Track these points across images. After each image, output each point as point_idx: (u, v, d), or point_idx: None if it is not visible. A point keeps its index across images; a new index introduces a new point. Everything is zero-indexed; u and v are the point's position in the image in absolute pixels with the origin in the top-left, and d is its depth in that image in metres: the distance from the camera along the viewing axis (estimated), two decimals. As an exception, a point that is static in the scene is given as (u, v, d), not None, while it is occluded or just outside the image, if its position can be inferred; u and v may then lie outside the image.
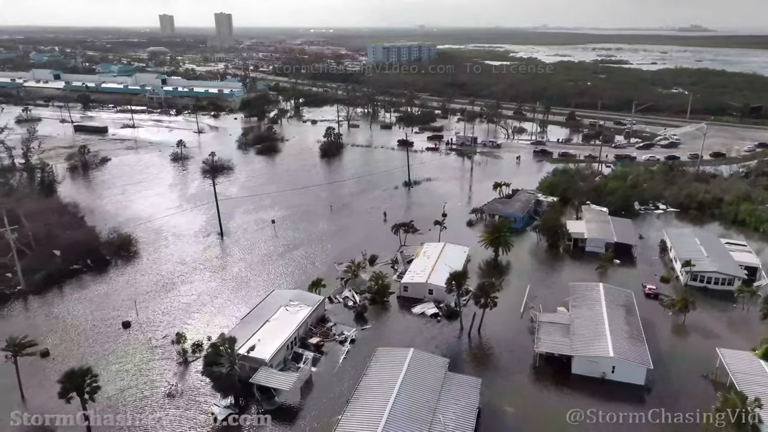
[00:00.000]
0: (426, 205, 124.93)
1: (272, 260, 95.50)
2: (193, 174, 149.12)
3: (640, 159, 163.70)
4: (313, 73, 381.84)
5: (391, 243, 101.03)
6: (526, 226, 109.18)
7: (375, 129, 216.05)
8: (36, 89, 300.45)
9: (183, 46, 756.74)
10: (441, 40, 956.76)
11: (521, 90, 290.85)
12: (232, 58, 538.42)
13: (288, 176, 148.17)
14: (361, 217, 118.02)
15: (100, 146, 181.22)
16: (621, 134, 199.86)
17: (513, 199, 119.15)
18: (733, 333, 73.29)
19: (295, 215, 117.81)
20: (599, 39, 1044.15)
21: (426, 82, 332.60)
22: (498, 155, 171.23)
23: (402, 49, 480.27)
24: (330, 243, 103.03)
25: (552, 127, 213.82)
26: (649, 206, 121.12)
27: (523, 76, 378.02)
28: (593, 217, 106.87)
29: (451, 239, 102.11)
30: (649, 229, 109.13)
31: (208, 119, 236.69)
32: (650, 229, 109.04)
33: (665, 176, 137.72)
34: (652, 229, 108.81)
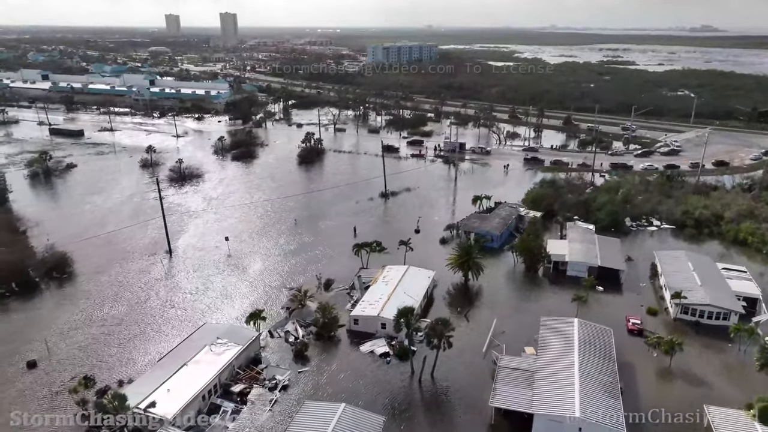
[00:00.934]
0: (400, 219, 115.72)
1: (216, 284, 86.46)
2: (163, 183, 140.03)
3: (637, 168, 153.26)
4: (310, 74, 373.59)
5: (356, 264, 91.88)
6: (505, 245, 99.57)
7: (362, 133, 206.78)
8: (23, 90, 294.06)
9: (186, 46, 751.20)
10: (447, 40, 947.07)
11: (520, 92, 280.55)
12: (231, 59, 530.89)
13: (258, 186, 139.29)
14: (328, 232, 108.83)
15: (71, 151, 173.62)
16: (620, 140, 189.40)
17: (492, 214, 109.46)
18: (726, 382, 63.30)
19: (256, 230, 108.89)
20: (607, 39, 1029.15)
21: (422, 83, 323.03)
22: (486, 163, 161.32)
23: (402, 50, 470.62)
24: (287, 263, 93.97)
25: (548, 132, 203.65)
26: (642, 222, 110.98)
27: (525, 77, 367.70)
28: (577, 236, 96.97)
29: (421, 259, 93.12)
30: (640, 249, 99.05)
31: (191, 122, 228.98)
32: (642, 249, 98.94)
33: (662, 188, 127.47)
34: (644, 249, 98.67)
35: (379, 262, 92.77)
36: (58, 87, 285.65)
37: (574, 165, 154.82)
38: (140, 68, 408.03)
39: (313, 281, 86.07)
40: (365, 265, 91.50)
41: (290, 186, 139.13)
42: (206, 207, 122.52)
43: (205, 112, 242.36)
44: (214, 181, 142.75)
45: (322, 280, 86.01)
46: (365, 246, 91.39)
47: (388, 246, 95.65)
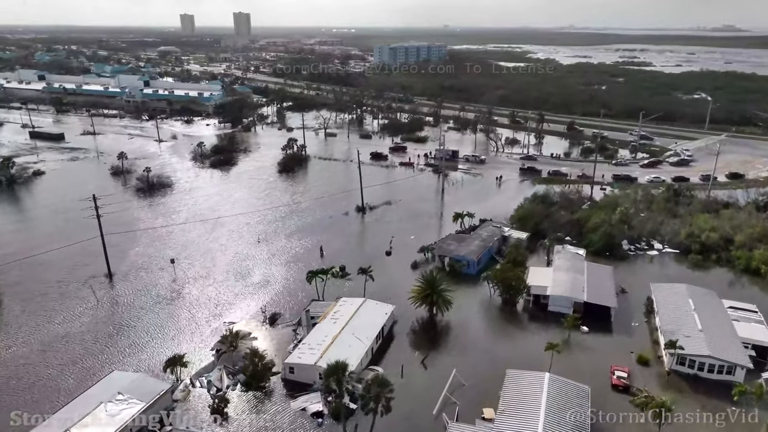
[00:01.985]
0: (374, 237, 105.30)
1: (148, 318, 76.70)
2: (123, 193, 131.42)
3: (642, 180, 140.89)
4: (311, 75, 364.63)
5: (314, 293, 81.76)
6: (484, 271, 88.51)
7: (354, 138, 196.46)
8: (17, 90, 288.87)
9: (197, 45, 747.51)
10: (461, 40, 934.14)
11: (524, 94, 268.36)
12: (237, 59, 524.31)
13: (228, 198, 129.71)
14: (292, 252, 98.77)
15: (45, 156, 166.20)
16: (628, 148, 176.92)
17: (473, 235, 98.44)
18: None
19: (211, 249, 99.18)
20: (626, 39, 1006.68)
21: (424, 85, 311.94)
22: (479, 173, 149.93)
23: (410, 50, 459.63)
24: (235, 291, 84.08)
25: (550, 139, 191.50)
26: (642, 245, 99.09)
27: (532, 79, 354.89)
28: (564, 263, 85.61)
29: (387, 287, 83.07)
30: (636, 278, 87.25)
31: (180, 126, 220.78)
32: (638, 278, 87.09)
33: (666, 205, 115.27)
34: (642, 278, 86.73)
35: (337, 291, 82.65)
36: (51, 88, 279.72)
37: (574, 176, 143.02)
38: (141, 68, 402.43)
39: (258, 314, 76.21)
40: (320, 296, 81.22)
41: (263, 198, 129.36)
42: (166, 222, 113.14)
43: (196, 115, 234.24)
44: (182, 192, 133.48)
45: (267, 313, 76.02)
46: (321, 273, 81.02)
47: (355, 270, 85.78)
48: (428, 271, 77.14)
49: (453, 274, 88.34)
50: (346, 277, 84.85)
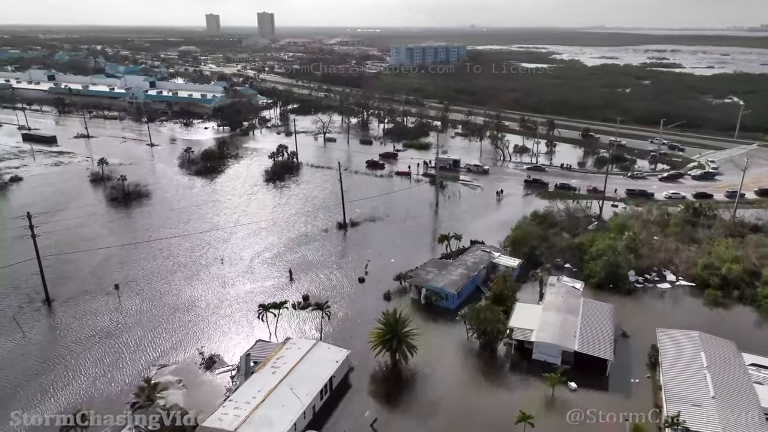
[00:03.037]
0: (350, 260, 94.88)
1: (72, 357, 67.50)
2: (95, 204, 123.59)
3: (660, 196, 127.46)
4: (323, 76, 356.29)
5: (275, 326, 71.96)
6: (466, 305, 77.31)
7: (354, 144, 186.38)
8: (25, 91, 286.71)
9: (218, 45, 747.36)
10: (487, 40, 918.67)
11: (540, 98, 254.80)
12: (254, 59, 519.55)
13: (205, 210, 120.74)
14: (257, 276, 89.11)
15: (30, 161, 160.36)
16: (647, 158, 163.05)
17: (458, 261, 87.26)
18: None
19: (169, 271, 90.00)
20: (657, 40, 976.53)
21: (437, 87, 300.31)
22: (479, 185, 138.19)
23: (427, 51, 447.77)
24: (180, 323, 74.66)
25: (564, 147, 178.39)
26: (652, 277, 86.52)
27: (552, 81, 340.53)
28: (556, 299, 73.94)
29: (351, 323, 73.52)
30: (643, 318, 74.95)
31: (179, 128, 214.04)
32: (645, 319, 74.76)
33: (684, 226, 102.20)
34: (649, 319, 74.57)
35: (296, 326, 72.73)
36: (57, 89, 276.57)
37: (584, 190, 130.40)
38: (155, 68, 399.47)
39: (196, 356, 66.61)
40: (273, 333, 71.28)
41: (239, 211, 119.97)
42: (129, 238, 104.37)
43: (196, 117, 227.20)
44: (156, 203, 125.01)
45: (206, 355, 66.31)
46: (274, 307, 70.95)
47: (329, 297, 76.56)
48: (391, 311, 66.27)
49: (430, 308, 77.77)
50: (309, 308, 74.57)
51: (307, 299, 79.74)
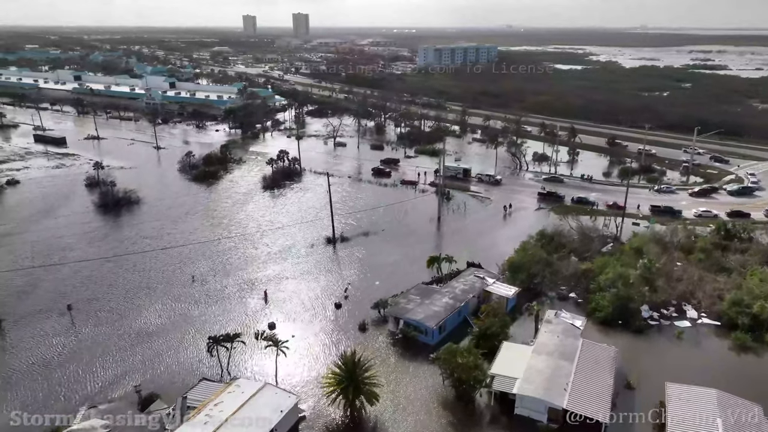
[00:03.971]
0: (332, 281, 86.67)
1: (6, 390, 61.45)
2: (84, 211, 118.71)
3: (688, 213, 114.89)
4: (347, 77, 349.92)
5: (240, 358, 64.46)
6: (448, 340, 68.20)
7: (364, 149, 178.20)
8: (50, 91, 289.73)
9: (254, 46, 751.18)
10: (523, 41, 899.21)
11: (568, 102, 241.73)
12: (283, 60, 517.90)
13: (191, 220, 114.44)
14: (230, 297, 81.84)
15: (34, 162, 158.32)
16: (678, 169, 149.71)
17: (445, 288, 77.96)
18: None
19: (132, 289, 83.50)
20: (702, 40, 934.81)
21: (461, 89, 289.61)
22: (488, 197, 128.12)
23: (456, 51, 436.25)
24: (129, 352, 67.80)
25: (588, 155, 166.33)
26: (670, 312, 75.32)
27: (586, 84, 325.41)
28: (551, 339, 64.00)
29: (314, 359, 65.27)
30: (653, 364, 64.31)
31: (192, 130, 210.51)
32: (655, 365, 64.10)
33: (713, 251, 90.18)
34: (659, 366, 63.85)
35: (252, 363, 65.01)
36: (81, 89, 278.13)
37: (603, 205, 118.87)
38: (182, 69, 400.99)
39: (132, 394, 59.51)
40: (226, 368, 63.68)
41: (229, 222, 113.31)
42: (112, 249, 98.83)
43: (210, 119, 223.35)
44: (146, 211, 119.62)
45: (144, 393, 59.12)
46: (226, 340, 63.29)
47: (299, 325, 69.27)
48: (349, 352, 57.73)
49: (408, 344, 68.89)
50: (281, 345, 65.58)
51: (273, 328, 72.15)
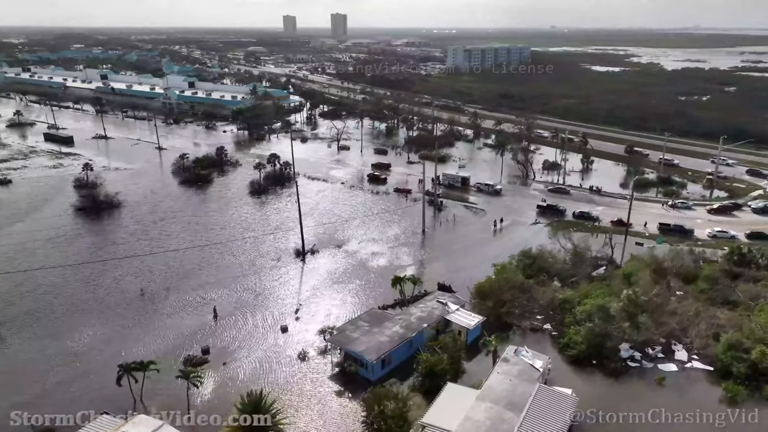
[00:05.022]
0: (288, 301, 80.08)
1: None
2: (62, 214, 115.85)
3: (701, 234, 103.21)
4: (371, 78, 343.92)
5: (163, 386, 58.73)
6: (390, 378, 60.76)
7: (368, 153, 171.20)
8: (77, 89, 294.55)
9: (291, 46, 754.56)
10: (564, 41, 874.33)
11: (594, 106, 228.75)
12: (312, 60, 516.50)
13: (164, 226, 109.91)
14: (175, 314, 76.35)
15: (32, 162, 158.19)
16: (702, 182, 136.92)
17: (399, 315, 70.22)
18: None
19: (78, 303, 79.12)
20: (757, 41, 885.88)
21: (483, 91, 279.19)
22: (482, 209, 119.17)
23: (487, 52, 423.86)
24: (39, 382, 62.67)
25: (605, 165, 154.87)
26: (655, 352, 65.49)
27: (621, 87, 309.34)
28: (502, 382, 55.49)
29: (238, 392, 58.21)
30: (621, 417, 54.91)
31: (203, 131, 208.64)
32: (627, 421, 54.72)
33: (722, 279, 79.32)
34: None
35: (168, 394, 58.89)
36: (103, 88, 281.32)
37: (608, 221, 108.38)
38: (208, 68, 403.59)
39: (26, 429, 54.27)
40: (139, 399, 57.86)
41: (203, 229, 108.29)
42: (74, 255, 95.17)
43: (221, 120, 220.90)
44: (125, 215, 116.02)
45: (37, 426, 53.80)
46: (137, 369, 57.37)
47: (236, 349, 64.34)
48: (256, 390, 50.91)
49: (348, 378, 61.66)
50: (194, 378, 58.75)
51: (207, 353, 66.17)
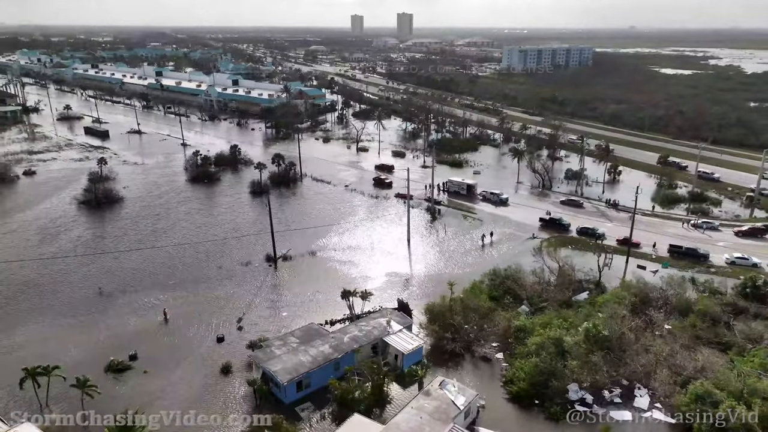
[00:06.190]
0: (239, 308, 77.12)
1: None
2: (64, 206, 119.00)
3: (718, 259, 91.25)
4: (417, 78, 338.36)
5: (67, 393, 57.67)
6: (306, 401, 56.39)
7: (385, 155, 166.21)
8: (132, 85, 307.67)
9: (355, 45, 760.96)
10: (641, 42, 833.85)
11: (644, 113, 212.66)
12: (366, 59, 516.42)
13: (153, 224, 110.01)
14: (126, 315, 75.21)
15: (65, 154, 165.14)
16: (741, 199, 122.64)
17: (337, 332, 65.39)
18: None
19: (36, 297, 79.54)
20: None
21: (528, 94, 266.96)
22: (480, 219, 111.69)
23: (544, 53, 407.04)
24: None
25: (637, 176, 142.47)
26: (611, 397, 57.10)
27: (687, 91, 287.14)
28: (411, 420, 49.60)
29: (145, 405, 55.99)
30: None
31: (234, 129, 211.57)
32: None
33: (723, 315, 69.12)
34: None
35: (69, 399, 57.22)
36: (154, 85, 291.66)
37: (613, 239, 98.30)
38: (262, 66, 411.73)
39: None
40: (45, 404, 56.48)
41: (186, 227, 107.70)
42: (49, 252, 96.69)
43: (255, 117, 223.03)
44: (123, 210, 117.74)
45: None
46: (40, 374, 55.75)
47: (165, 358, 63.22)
48: (126, 414, 47.76)
49: (265, 399, 57.71)
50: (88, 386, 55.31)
51: (134, 359, 64.33)
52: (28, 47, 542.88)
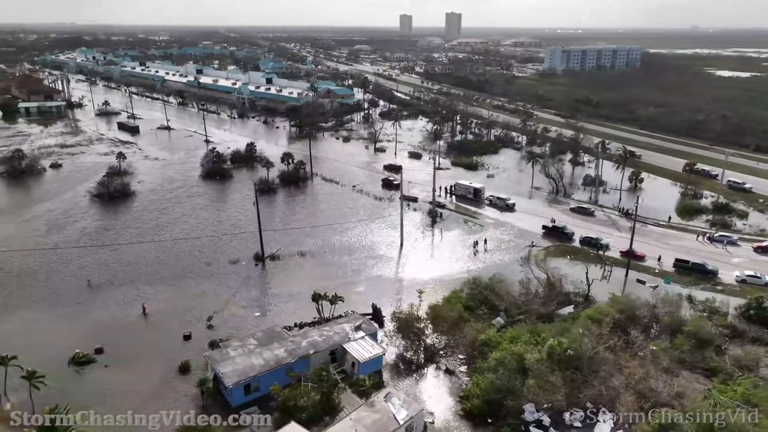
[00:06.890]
0: (218, 302, 77.24)
1: None
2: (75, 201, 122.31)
3: (727, 276, 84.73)
4: (454, 79, 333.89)
5: None
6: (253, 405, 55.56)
7: (401, 156, 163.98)
8: (172, 83, 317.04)
9: (398, 44, 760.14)
10: (702, 43, 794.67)
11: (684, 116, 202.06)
12: (407, 58, 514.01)
13: (157, 218, 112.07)
14: (108, 308, 76.68)
15: (93, 148, 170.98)
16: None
17: (293, 337, 64.18)
18: None
19: (25, 288, 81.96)
20: None
21: (565, 96, 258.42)
22: (480, 224, 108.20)
23: (588, 54, 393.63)
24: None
25: (662, 183, 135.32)
26: (572, 419, 53.49)
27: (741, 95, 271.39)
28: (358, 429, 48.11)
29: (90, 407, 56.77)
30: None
31: (261, 126, 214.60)
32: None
33: (718, 338, 64.06)
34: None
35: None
36: (191, 83, 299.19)
37: (617, 250, 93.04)
38: (303, 65, 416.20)
39: None
40: (4, 393, 57.96)
41: (186, 222, 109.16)
42: (51, 242, 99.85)
43: (282, 116, 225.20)
44: (133, 204, 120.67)
45: None
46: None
47: (131, 354, 63.57)
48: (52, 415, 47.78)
49: (214, 400, 57.32)
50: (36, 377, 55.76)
51: (100, 352, 65.23)
52: (88, 46, 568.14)
